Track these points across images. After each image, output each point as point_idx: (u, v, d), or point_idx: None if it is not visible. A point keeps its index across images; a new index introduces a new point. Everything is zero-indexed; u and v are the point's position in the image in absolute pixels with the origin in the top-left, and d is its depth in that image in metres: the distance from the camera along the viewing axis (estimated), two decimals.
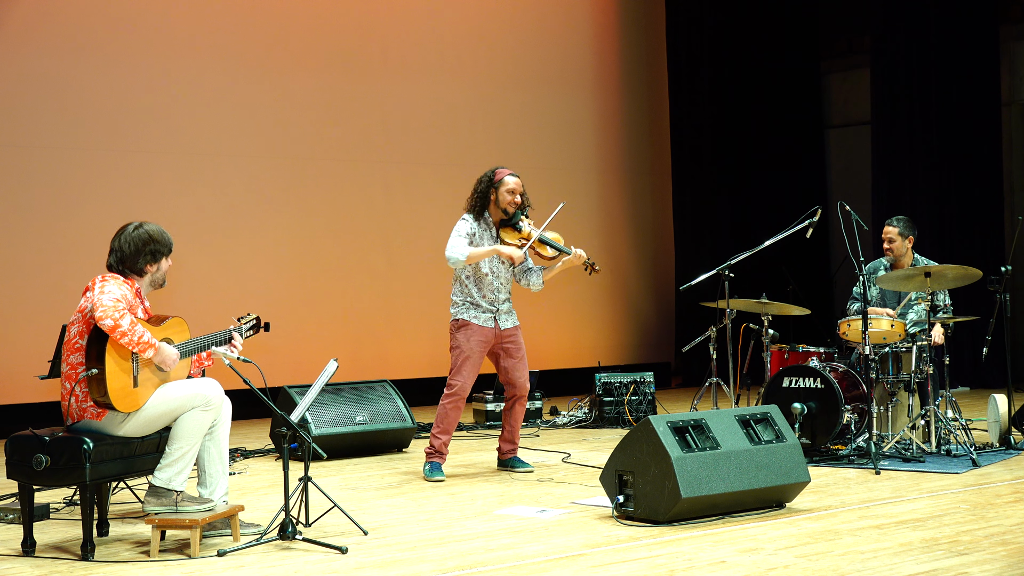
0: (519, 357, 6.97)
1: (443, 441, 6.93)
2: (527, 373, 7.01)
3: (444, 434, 6.93)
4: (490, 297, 6.87)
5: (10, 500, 6.09)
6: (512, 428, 7.11)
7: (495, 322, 6.90)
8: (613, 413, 9.25)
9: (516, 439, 7.15)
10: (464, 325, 6.86)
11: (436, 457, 6.94)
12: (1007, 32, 12.16)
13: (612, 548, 4.96)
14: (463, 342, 6.84)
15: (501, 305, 6.92)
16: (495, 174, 6.91)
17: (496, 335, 6.90)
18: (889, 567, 4.55)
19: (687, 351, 9.31)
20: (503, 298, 6.93)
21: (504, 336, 6.93)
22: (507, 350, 6.95)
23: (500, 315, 6.92)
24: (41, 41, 9.61)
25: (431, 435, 6.96)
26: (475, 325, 6.85)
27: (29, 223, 9.58)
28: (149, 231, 5.27)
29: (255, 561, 4.86)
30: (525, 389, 7.00)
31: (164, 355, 5.07)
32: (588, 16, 12.74)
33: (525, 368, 7.00)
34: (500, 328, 6.91)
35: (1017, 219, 9.11)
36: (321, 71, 10.92)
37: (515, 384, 6.98)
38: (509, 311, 6.98)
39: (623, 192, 12.93)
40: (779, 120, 13.34)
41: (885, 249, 7.83)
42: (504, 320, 6.94)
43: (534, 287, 7.02)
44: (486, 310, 6.87)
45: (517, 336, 6.99)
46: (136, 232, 5.25)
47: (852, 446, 7.26)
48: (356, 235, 11.12)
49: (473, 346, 6.84)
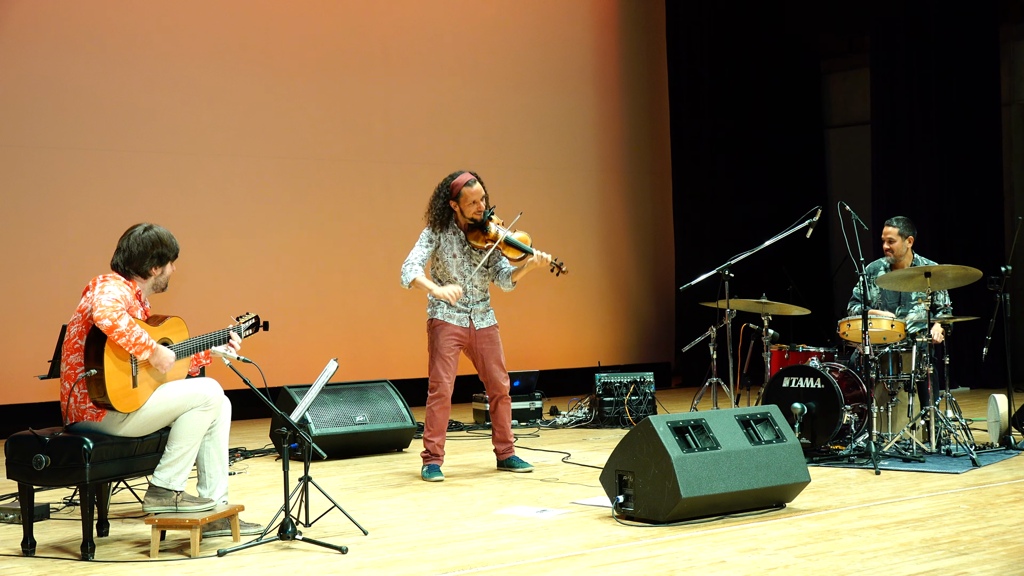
0: (495, 357, 6.97)
1: (436, 443, 6.93)
2: (504, 372, 7.02)
3: (436, 435, 6.93)
4: (463, 298, 6.88)
5: (10, 500, 6.09)
6: (502, 427, 7.12)
7: (470, 321, 6.91)
8: (613, 413, 9.25)
9: (508, 437, 7.15)
10: (438, 325, 6.89)
11: (433, 459, 6.94)
12: (1007, 32, 12.16)
13: (612, 548, 4.96)
14: (437, 342, 6.86)
15: (476, 305, 6.92)
16: (452, 187, 6.85)
17: (471, 334, 6.91)
18: (889, 567, 4.55)
19: (687, 351, 9.31)
20: (478, 299, 6.93)
21: (480, 336, 6.93)
22: (484, 350, 6.96)
23: (475, 315, 6.92)
24: (41, 41, 9.61)
25: (424, 439, 6.95)
26: (449, 324, 6.87)
27: (29, 223, 9.58)
28: (159, 234, 5.26)
29: (255, 561, 4.86)
30: (504, 388, 7.02)
31: (161, 357, 5.07)
32: (588, 16, 12.74)
33: (502, 367, 7.00)
34: (475, 328, 6.92)
35: (1017, 219, 9.11)
36: (321, 71, 10.91)
37: (494, 384, 7.01)
38: (485, 311, 6.98)
39: (623, 192, 12.92)
40: (779, 120, 13.34)
41: (885, 249, 7.83)
42: (479, 320, 6.94)
43: (505, 289, 7.03)
44: (460, 310, 6.89)
45: (494, 335, 6.98)
46: (146, 234, 5.25)
47: (852, 446, 7.26)
48: (356, 235, 11.12)
49: (447, 345, 6.85)
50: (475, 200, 6.81)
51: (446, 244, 6.89)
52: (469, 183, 6.82)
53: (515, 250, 6.85)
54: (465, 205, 6.83)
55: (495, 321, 7.05)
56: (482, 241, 6.86)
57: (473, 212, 6.83)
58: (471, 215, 6.83)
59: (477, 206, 6.82)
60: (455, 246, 6.90)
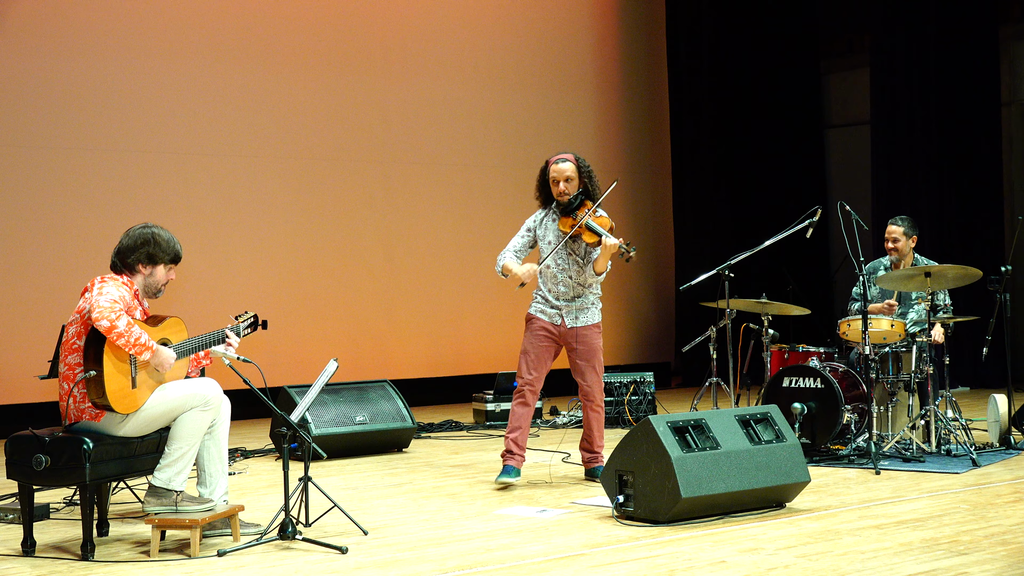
0: (586, 359, 6.55)
1: (511, 439, 6.53)
2: (596, 376, 6.58)
3: (512, 432, 6.53)
4: (555, 292, 6.54)
5: (10, 500, 6.09)
6: (588, 433, 6.66)
7: (561, 319, 6.56)
8: (613, 413, 9.25)
9: (593, 446, 6.65)
10: (530, 319, 6.61)
11: (507, 458, 6.54)
12: (1007, 32, 12.16)
13: (612, 548, 4.96)
14: (525, 338, 6.58)
15: (571, 302, 6.54)
16: (547, 163, 6.53)
17: (560, 332, 6.56)
18: (889, 567, 4.55)
19: (687, 351, 9.31)
20: (571, 295, 6.54)
21: (572, 335, 6.55)
22: (576, 351, 6.56)
23: (566, 312, 6.54)
24: (41, 41, 9.61)
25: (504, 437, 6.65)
26: (538, 320, 6.58)
27: (29, 223, 9.58)
28: (155, 234, 5.25)
29: (255, 561, 4.86)
30: (591, 394, 6.58)
31: (161, 357, 5.06)
32: (588, 16, 12.74)
33: (593, 370, 6.57)
34: (567, 326, 6.55)
35: (1017, 219, 9.11)
36: (321, 71, 10.91)
37: (581, 388, 6.62)
38: (581, 308, 6.53)
39: (623, 192, 12.92)
40: (779, 120, 13.34)
41: (889, 249, 7.79)
42: (571, 318, 6.55)
43: (591, 279, 6.58)
44: (553, 305, 6.56)
45: (587, 336, 6.54)
46: (140, 231, 5.25)
47: (852, 446, 7.26)
48: (356, 235, 11.12)
49: (533, 340, 6.55)
50: (556, 179, 6.42)
51: (542, 231, 6.57)
52: (557, 161, 6.46)
53: (591, 234, 6.38)
54: (551, 184, 6.46)
55: (595, 320, 6.59)
56: (567, 226, 6.46)
57: (556, 193, 6.44)
58: (556, 196, 6.45)
59: (557, 187, 6.42)
60: (550, 233, 6.53)
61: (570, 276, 6.53)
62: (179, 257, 5.32)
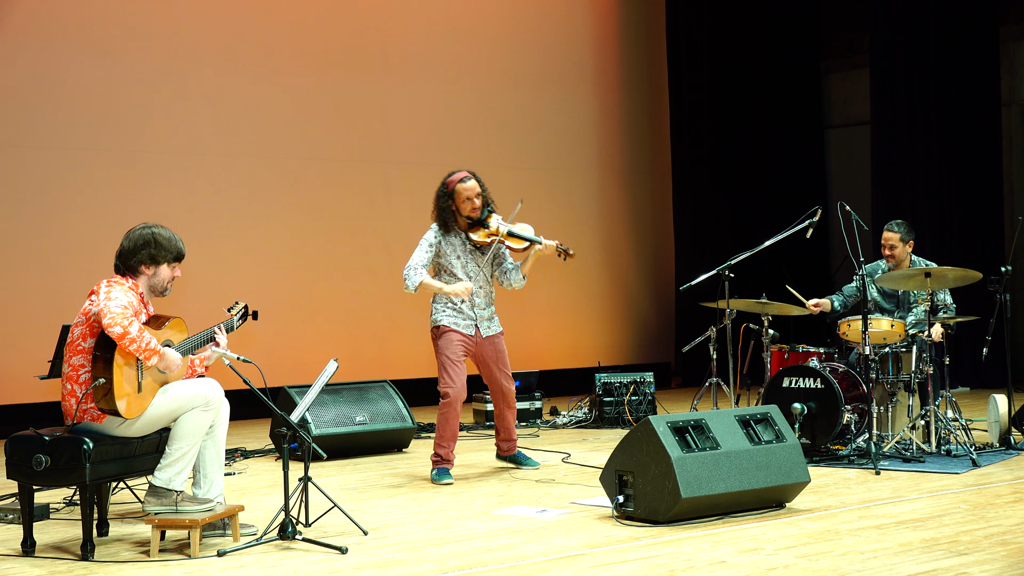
0: (502, 365, 6.93)
1: (448, 449, 6.85)
2: (509, 378, 6.99)
3: (448, 442, 6.83)
4: (470, 302, 6.78)
5: (10, 500, 6.09)
6: (507, 428, 7.15)
7: (476, 329, 6.83)
8: (613, 413, 9.25)
9: (513, 436, 7.19)
10: (444, 331, 6.77)
11: (443, 464, 6.87)
12: (1007, 32, 12.16)
13: (612, 548, 4.96)
14: (445, 348, 6.74)
15: (482, 312, 6.84)
16: (447, 184, 6.79)
17: (477, 342, 6.84)
18: (889, 567, 4.55)
19: (687, 351, 9.30)
20: (483, 306, 6.84)
21: (486, 344, 6.87)
22: (490, 358, 6.91)
23: (481, 322, 6.85)
24: (41, 41, 9.61)
25: (435, 444, 6.86)
26: (455, 331, 6.76)
27: (29, 223, 9.58)
28: (155, 234, 5.24)
29: (255, 561, 4.86)
30: (511, 396, 7.02)
31: (168, 361, 5.08)
32: (588, 16, 12.74)
33: (507, 375, 6.97)
34: (481, 336, 6.85)
35: (1017, 219, 9.10)
36: (321, 71, 10.91)
37: (501, 391, 6.99)
38: (491, 317, 6.91)
39: (623, 192, 12.92)
40: (779, 120, 13.34)
41: (886, 255, 7.80)
42: (485, 328, 6.87)
43: (516, 285, 6.93)
44: (467, 316, 6.80)
45: (499, 343, 6.93)
46: (140, 232, 5.25)
47: (852, 446, 7.26)
48: (356, 235, 11.12)
49: (455, 350, 6.74)
50: (469, 197, 6.74)
51: (448, 247, 6.79)
52: (463, 180, 6.75)
53: (519, 240, 6.75)
54: (460, 202, 6.75)
55: (500, 328, 6.99)
56: (484, 236, 6.76)
57: (469, 210, 6.75)
58: (467, 212, 6.75)
59: (472, 203, 6.74)
60: (458, 248, 6.80)
61: (480, 287, 6.83)
62: (182, 255, 5.32)
